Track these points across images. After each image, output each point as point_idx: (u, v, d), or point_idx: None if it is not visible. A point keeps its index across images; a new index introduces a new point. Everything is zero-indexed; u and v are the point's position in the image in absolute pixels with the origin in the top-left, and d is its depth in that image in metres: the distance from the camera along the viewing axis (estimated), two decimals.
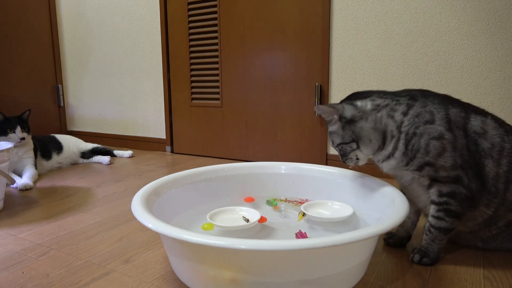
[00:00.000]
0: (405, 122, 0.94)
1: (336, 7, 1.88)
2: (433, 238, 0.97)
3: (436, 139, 0.91)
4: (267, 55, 2.10)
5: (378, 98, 0.98)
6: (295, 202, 1.30)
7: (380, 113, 0.96)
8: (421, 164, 0.93)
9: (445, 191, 0.93)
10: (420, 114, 0.93)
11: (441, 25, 1.67)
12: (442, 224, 0.95)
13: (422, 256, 0.98)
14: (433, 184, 0.94)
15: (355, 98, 1.01)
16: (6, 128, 1.80)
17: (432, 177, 0.94)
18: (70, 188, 1.74)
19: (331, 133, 1.02)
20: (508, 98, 1.59)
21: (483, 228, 1.00)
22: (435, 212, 0.95)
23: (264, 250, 0.71)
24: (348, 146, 1.00)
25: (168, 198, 1.11)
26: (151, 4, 2.46)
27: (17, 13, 2.66)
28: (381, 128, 0.96)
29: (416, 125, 0.92)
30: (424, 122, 0.92)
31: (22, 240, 1.16)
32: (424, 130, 0.92)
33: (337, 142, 1.01)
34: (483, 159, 0.92)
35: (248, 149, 2.24)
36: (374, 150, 0.99)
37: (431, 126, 0.92)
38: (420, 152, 0.92)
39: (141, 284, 0.89)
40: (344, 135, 0.99)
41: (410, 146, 0.93)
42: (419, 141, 0.92)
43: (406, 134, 0.93)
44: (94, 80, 2.84)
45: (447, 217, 0.94)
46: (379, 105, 0.97)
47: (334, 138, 1.02)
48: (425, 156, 0.92)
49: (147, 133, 2.65)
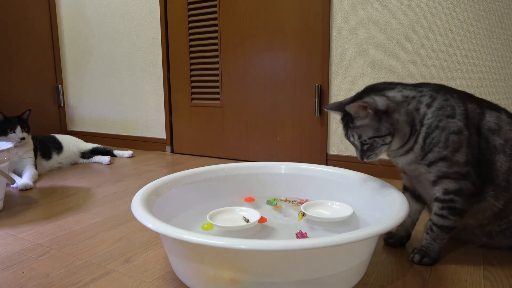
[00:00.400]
0: (429, 115, 0.92)
1: (336, 7, 1.88)
2: (434, 237, 0.97)
3: (455, 134, 0.90)
4: (267, 55, 2.10)
5: (405, 90, 0.95)
6: (295, 202, 1.30)
7: (410, 106, 0.94)
8: (436, 159, 0.92)
9: (452, 188, 0.92)
10: (443, 107, 0.92)
11: (441, 25, 1.67)
12: (445, 223, 0.94)
13: (423, 256, 0.98)
14: (439, 181, 0.93)
15: (378, 90, 0.97)
16: (6, 128, 1.80)
17: (443, 173, 0.92)
18: (70, 188, 1.73)
19: (360, 127, 0.95)
20: (508, 98, 1.59)
21: (493, 222, 0.99)
22: (439, 210, 0.95)
23: (264, 250, 0.71)
24: (381, 140, 0.95)
25: (168, 198, 1.11)
26: (151, 4, 2.46)
27: (17, 13, 2.66)
28: (410, 121, 0.94)
29: (439, 118, 0.91)
30: (446, 115, 0.91)
31: (22, 240, 1.16)
32: (446, 124, 0.91)
33: (369, 136, 0.95)
34: (493, 155, 0.93)
35: (248, 149, 2.24)
36: (400, 144, 0.96)
37: (452, 120, 0.91)
38: (439, 145, 0.91)
39: (141, 284, 0.89)
40: (380, 127, 0.93)
41: (429, 139, 0.91)
42: (440, 134, 0.90)
43: (428, 127, 0.92)
44: (94, 80, 2.84)
45: (451, 215, 0.94)
46: (408, 97, 0.94)
47: (364, 132, 0.95)
48: (443, 150, 0.90)
49: (147, 133, 2.65)
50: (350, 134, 0.99)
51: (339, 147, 1.97)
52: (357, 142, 0.98)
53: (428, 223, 0.98)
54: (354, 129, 0.97)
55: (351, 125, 0.97)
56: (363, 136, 0.96)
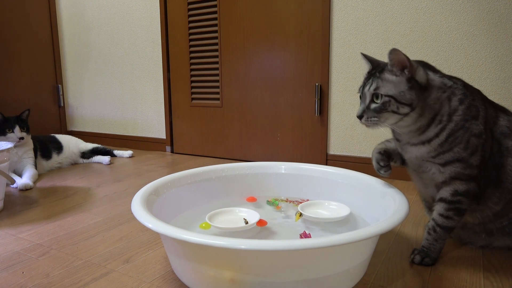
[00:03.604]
0: (459, 111, 0.88)
1: (336, 7, 1.88)
2: (436, 238, 0.96)
3: (476, 136, 0.88)
4: (267, 55, 2.10)
5: (447, 78, 0.90)
6: (296, 203, 1.29)
7: (444, 94, 0.88)
8: (453, 159, 0.89)
9: (461, 189, 0.91)
10: (470, 106, 0.88)
11: (441, 25, 1.67)
12: (450, 223, 0.94)
13: (424, 257, 0.97)
14: (451, 182, 0.91)
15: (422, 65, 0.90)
16: (5, 127, 1.80)
17: (457, 174, 0.90)
18: (70, 188, 1.73)
19: (384, 80, 0.87)
20: (508, 98, 1.59)
21: (494, 220, 0.99)
22: (445, 211, 0.93)
23: (264, 250, 0.71)
24: (397, 105, 0.86)
25: (168, 198, 1.11)
26: (151, 4, 2.46)
27: (17, 13, 2.66)
28: (436, 109, 0.88)
29: (466, 118, 0.88)
30: (471, 116, 0.88)
31: (22, 240, 1.16)
32: (470, 125, 0.88)
33: (388, 92, 0.86)
34: (504, 158, 0.92)
35: (248, 149, 2.24)
36: (413, 129, 0.90)
37: (476, 122, 0.88)
38: (460, 146, 0.88)
39: (141, 284, 0.89)
40: (405, 93, 0.85)
41: (452, 138, 0.88)
42: (463, 135, 0.87)
43: (455, 124, 0.87)
44: (94, 80, 2.84)
45: (456, 216, 0.93)
46: (446, 85, 0.89)
47: (386, 85, 0.86)
48: (463, 152, 0.88)
49: (147, 133, 2.65)
50: (369, 83, 0.89)
51: (339, 147, 1.97)
52: (368, 94, 0.89)
53: (430, 223, 0.96)
54: (377, 79, 0.88)
55: (377, 74, 0.89)
56: (380, 89, 0.86)
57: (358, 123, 1.89)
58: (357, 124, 1.90)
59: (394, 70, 0.86)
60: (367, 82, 0.90)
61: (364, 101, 0.90)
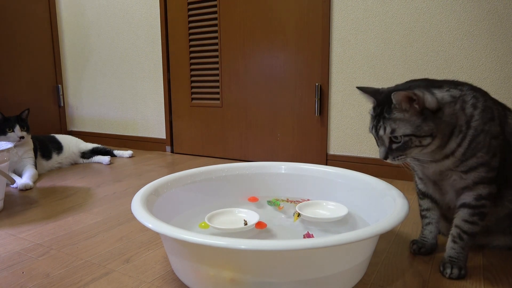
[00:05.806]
0: (476, 117, 0.85)
1: (336, 7, 1.88)
2: (463, 246, 0.92)
3: (495, 138, 0.86)
4: (267, 55, 2.10)
5: (453, 89, 0.87)
6: (296, 203, 1.29)
7: (456, 106, 0.85)
8: (477, 165, 0.86)
9: (484, 193, 0.89)
10: (485, 109, 0.86)
11: (441, 25, 1.67)
12: (475, 229, 0.91)
13: (460, 268, 0.91)
14: (474, 187, 0.88)
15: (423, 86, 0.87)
16: (5, 127, 1.80)
17: (481, 178, 0.87)
18: (70, 188, 1.73)
19: (397, 120, 0.84)
20: (508, 98, 1.59)
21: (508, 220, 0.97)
22: (470, 216, 0.90)
23: (264, 250, 0.71)
24: (418, 140, 0.83)
25: (168, 198, 1.11)
26: (151, 4, 2.46)
27: (17, 14, 2.66)
28: (453, 123, 0.85)
29: (484, 121, 0.85)
30: (489, 118, 0.86)
31: (22, 240, 1.16)
32: (490, 127, 0.85)
33: (405, 133, 0.83)
34: None
35: (248, 149, 2.24)
36: (436, 147, 0.87)
37: (494, 124, 0.86)
38: (483, 150, 0.85)
39: (141, 284, 0.89)
40: (422, 126, 0.82)
41: (474, 144, 0.85)
42: (484, 138, 0.85)
43: (475, 129, 0.85)
44: (94, 80, 2.84)
45: (479, 221, 0.90)
46: (455, 97, 0.86)
47: (401, 126, 0.83)
48: (486, 155, 0.86)
49: (147, 133, 2.65)
50: (382, 126, 0.86)
51: (339, 147, 1.97)
52: (385, 137, 0.86)
53: (456, 231, 0.92)
54: (388, 121, 0.85)
55: (386, 115, 0.85)
56: (397, 131, 0.84)
57: (358, 123, 1.90)
58: (357, 124, 1.90)
59: (403, 105, 0.83)
60: (378, 124, 0.87)
61: (384, 144, 0.88)
